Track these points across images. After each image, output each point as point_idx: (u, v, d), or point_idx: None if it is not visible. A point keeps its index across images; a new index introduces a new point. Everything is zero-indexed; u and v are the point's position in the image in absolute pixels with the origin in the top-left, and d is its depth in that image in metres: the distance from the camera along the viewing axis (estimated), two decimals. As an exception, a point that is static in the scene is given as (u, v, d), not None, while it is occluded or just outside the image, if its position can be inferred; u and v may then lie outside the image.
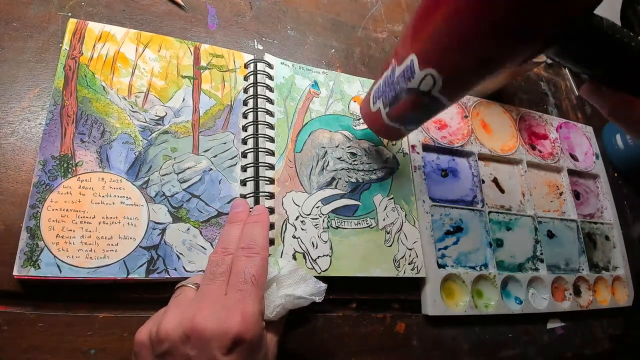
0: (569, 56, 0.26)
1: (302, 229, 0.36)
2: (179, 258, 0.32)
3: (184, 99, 0.37)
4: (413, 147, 0.45)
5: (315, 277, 0.32)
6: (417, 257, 0.40)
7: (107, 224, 0.31)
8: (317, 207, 0.38)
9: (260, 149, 0.37)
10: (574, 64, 0.26)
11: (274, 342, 0.29)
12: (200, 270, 0.32)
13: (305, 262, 0.35)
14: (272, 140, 0.38)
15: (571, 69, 0.65)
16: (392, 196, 0.42)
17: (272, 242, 0.35)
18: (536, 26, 0.23)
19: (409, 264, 0.39)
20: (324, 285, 0.31)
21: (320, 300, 0.31)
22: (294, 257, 0.35)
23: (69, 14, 0.37)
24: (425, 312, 0.40)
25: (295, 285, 0.31)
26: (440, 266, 0.41)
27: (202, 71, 0.39)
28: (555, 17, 0.22)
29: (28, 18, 0.36)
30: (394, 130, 0.37)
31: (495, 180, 0.49)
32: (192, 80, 0.38)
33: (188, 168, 0.35)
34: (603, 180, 0.56)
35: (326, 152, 0.41)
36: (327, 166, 0.40)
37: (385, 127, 0.37)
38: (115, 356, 0.29)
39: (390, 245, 0.39)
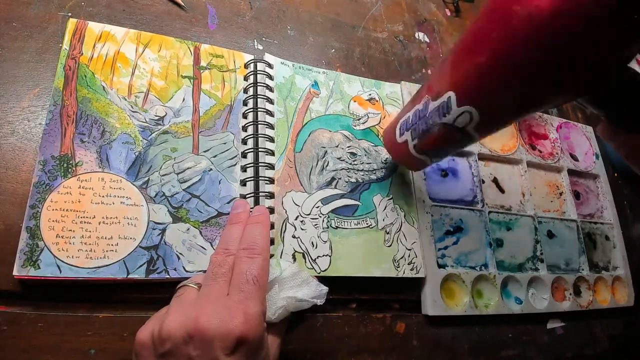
0: (594, 101, 0.26)
1: (302, 229, 0.36)
2: (178, 258, 0.32)
3: (184, 99, 0.37)
4: (413, 147, 0.45)
5: (315, 277, 0.32)
6: (416, 257, 0.40)
7: (107, 224, 0.31)
8: (317, 207, 0.38)
9: (260, 149, 0.37)
10: (597, 107, 0.27)
11: (277, 344, 0.29)
12: (200, 271, 0.32)
13: (305, 262, 0.35)
14: (272, 140, 0.38)
15: (595, 113, 0.65)
16: (391, 196, 0.42)
17: (272, 241, 0.35)
18: (579, 75, 0.23)
19: (409, 264, 0.39)
20: (325, 288, 0.31)
21: (321, 303, 0.31)
22: (294, 257, 0.35)
23: (69, 14, 0.37)
24: (425, 312, 0.40)
25: (297, 288, 0.31)
26: (440, 266, 0.41)
27: (202, 71, 0.39)
28: (599, 67, 0.23)
29: (28, 18, 0.36)
30: (419, 161, 0.37)
31: (495, 180, 0.49)
32: (192, 80, 0.38)
33: (188, 168, 0.35)
34: (603, 180, 0.56)
35: (326, 152, 0.41)
36: (326, 166, 0.40)
37: (410, 158, 0.37)
38: (115, 356, 0.29)
39: (390, 246, 0.39)
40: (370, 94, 0.46)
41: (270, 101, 0.40)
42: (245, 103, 0.39)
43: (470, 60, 0.27)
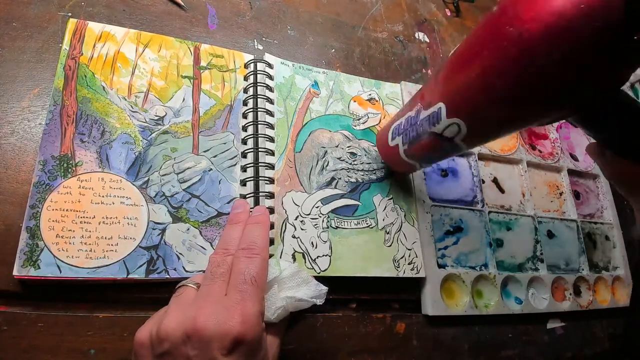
0: (583, 122, 0.27)
1: (302, 229, 0.36)
2: (178, 258, 0.32)
3: (183, 99, 0.37)
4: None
5: (315, 277, 0.32)
6: (416, 257, 0.40)
7: (107, 224, 0.31)
8: (317, 207, 0.38)
9: (260, 149, 0.37)
10: (586, 128, 0.27)
11: (276, 345, 0.29)
12: (200, 271, 0.32)
13: (305, 262, 0.35)
14: (272, 140, 0.38)
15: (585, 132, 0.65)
16: (391, 196, 0.42)
17: (271, 241, 0.35)
18: (570, 97, 0.24)
19: (409, 264, 0.39)
20: (325, 288, 0.31)
21: (321, 303, 0.31)
22: (294, 257, 0.35)
23: (69, 14, 0.37)
24: (425, 312, 0.40)
25: (296, 288, 0.31)
26: (440, 266, 0.41)
27: (202, 71, 0.39)
28: (590, 91, 0.23)
29: (28, 18, 0.36)
30: (408, 165, 0.39)
31: (495, 180, 0.49)
32: (192, 80, 0.38)
33: (188, 168, 0.35)
34: (603, 180, 0.56)
35: (326, 152, 0.41)
36: (326, 166, 0.40)
37: (400, 162, 0.38)
38: (115, 356, 0.29)
39: (390, 246, 0.39)
40: (370, 94, 0.46)
41: (270, 101, 0.40)
42: (245, 103, 0.39)
43: (462, 74, 0.27)
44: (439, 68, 0.31)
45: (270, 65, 0.42)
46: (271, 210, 0.36)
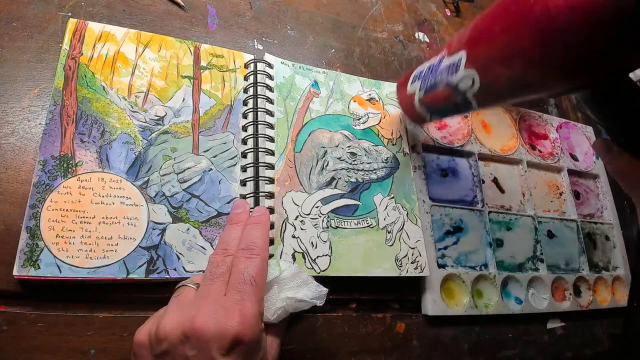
0: (594, 103, 0.27)
1: (302, 229, 0.36)
2: (178, 258, 0.32)
3: (184, 99, 0.37)
4: (413, 147, 0.45)
5: (315, 277, 0.32)
6: (420, 255, 0.40)
7: (107, 224, 0.31)
8: (317, 207, 0.38)
9: (260, 149, 0.37)
10: (596, 113, 0.28)
11: (276, 345, 0.29)
12: (200, 271, 0.32)
13: (305, 261, 0.35)
14: (272, 140, 0.38)
15: (592, 119, 0.66)
16: (392, 195, 0.42)
17: (271, 241, 0.35)
18: (581, 68, 0.24)
19: (412, 262, 0.39)
20: (325, 290, 0.31)
21: (321, 304, 0.31)
22: (293, 257, 0.35)
23: (69, 14, 0.37)
24: (425, 312, 0.40)
25: (296, 289, 0.31)
26: (440, 266, 0.41)
27: (202, 71, 0.39)
28: (601, 67, 0.24)
29: (28, 18, 0.36)
30: (419, 115, 0.40)
31: (495, 180, 0.49)
32: (192, 80, 0.38)
33: (188, 168, 0.35)
34: (603, 180, 0.56)
35: (326, 151, 0.41)
36: (326, 166, 0.40)
37: (412, 109, 0.40)
38: (115, 356, 0.29)
39: (392, 245, 0.39)
40: (370, 94, 0.46)
41: (270, 101, 0.40)
42: (245, 103, 0.39)
43: (487, 26, 0.29)
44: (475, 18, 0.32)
45: (270, 65, 0.42)
46: (271, 210, 0.35)
